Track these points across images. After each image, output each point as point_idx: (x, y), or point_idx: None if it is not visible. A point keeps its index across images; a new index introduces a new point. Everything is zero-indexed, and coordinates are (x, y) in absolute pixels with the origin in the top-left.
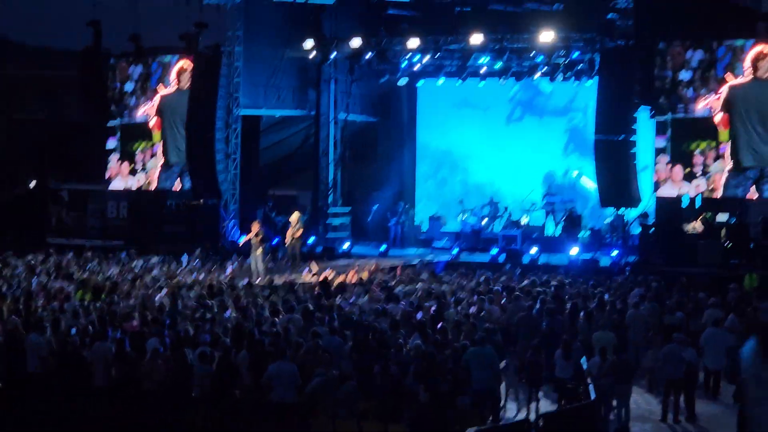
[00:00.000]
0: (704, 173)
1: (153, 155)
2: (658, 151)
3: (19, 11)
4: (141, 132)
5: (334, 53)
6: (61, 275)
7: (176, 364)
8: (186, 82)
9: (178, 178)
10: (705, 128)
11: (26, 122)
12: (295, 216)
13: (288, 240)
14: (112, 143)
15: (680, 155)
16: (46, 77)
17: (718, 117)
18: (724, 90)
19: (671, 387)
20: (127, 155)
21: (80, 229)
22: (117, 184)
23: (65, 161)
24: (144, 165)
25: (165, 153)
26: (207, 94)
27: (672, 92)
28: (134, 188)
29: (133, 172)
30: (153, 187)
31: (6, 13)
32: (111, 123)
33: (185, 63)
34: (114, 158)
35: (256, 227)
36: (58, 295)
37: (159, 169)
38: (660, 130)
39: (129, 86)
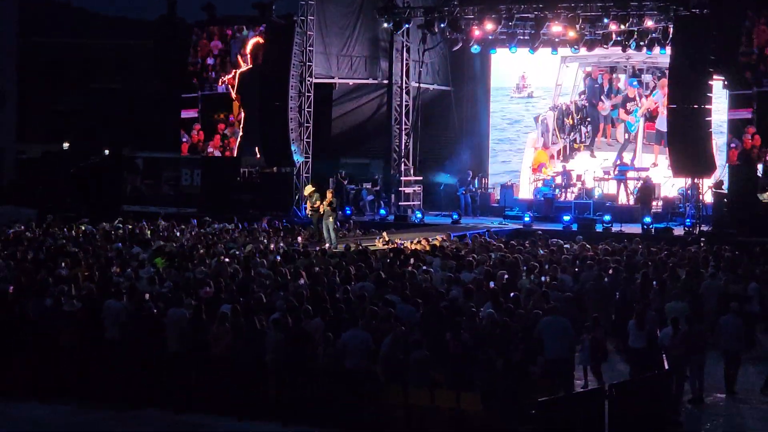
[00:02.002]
0: None
1: (232, 125)
2: (744, 123)
3: None
4: (222, 103)
5: (407, 22)
6: (136, 242)
7: (246, 331)
8: (261, 59)
9: (257, 149)
10: None
11: (102, 91)
12: (308, 189)
13: (309, 212)
14: (192, 114)
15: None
16: (122, 47)
17: None
18: None
19: (729, 358)
20: (208, 125)
21: (155, 196)
22: (198, 153)
23: (140, 130)
24: (224, 134)
25: (244, 125)
26: (280, 63)
27: (757, 67)
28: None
29: (213, 141)
30: (232, 155)
31: None
32: (192, 95)
33: (260, 39)
34: (195, 128)
35: (330, 195)
36: (133, 262)
37: (239, 139)
38: (742, 104)
39: (210, 60)
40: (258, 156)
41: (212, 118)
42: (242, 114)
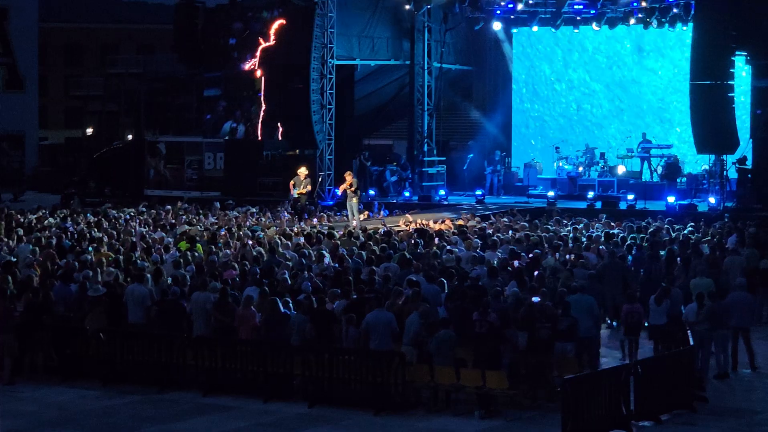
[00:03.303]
0: None
1: (256, 101)
2: (762, 91)
3: None
4: (245, 82)
5: (428, 2)
6: (159, 226)
7: (270, 313)
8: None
9: (279, 124)
10: None
11: (123, 76)
12: (303, 171)
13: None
14: (214, 92)
15: None
16: (142, 31)
17: None
18: None
19: (736, 334)
20: (231, 102)
21: (178, 181)
22: (221, 131)
23: (162, 114)
24: (248, 112)
25: (267, 101)
26: (301, 46)
27: None
28: (237, 134)
29: (236, 119)
30: (255, 130)
31: None
32: (215, 74)
33: (283, 20)
34: (219, 106)
35: (349, 177)
36: (157, 246)
37: (261, 116)
38: (762, 73)
39: (232, 41)
40: (280, 129)
41: (236, 95)
42: (265, 89)
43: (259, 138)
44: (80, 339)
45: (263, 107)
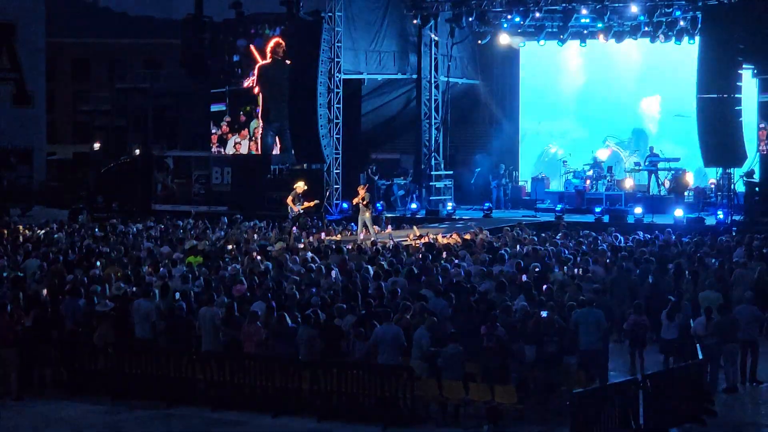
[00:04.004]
0: None
1: (256, 116)
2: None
3: None
4: (247, 97)
5: (435, 17)
6: (167, 241)
7: (278, 327)
8: (281, 54)
9: (277, 138)
10: None
11: (130, 91)
12: (300, 186)
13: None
14: (220, 107)
15: None
16: (149, 46)
17: None
18: None
19: (746, 347)
20: (235, 117)
21: (185, 195)
22: (225, 145)
23: (169, 129)
24: (248, 126)
25: (265, 115)
26: (308, 60)
27: None
28: (240, 149)
29: (239, 133)
30: (257, 146)
31: None
32: (219, 90)
33: (279, 39)
34: (223, 121)
35: (362, 191)
36: (165, 261)
37: (260, 129)
38: (765, 87)
39: (235, 57)
40: (278, 145)
41: (239, 111)
42: (262, 106)
43: (257, 153)
44: (89, 354)
45: (260, 124)
